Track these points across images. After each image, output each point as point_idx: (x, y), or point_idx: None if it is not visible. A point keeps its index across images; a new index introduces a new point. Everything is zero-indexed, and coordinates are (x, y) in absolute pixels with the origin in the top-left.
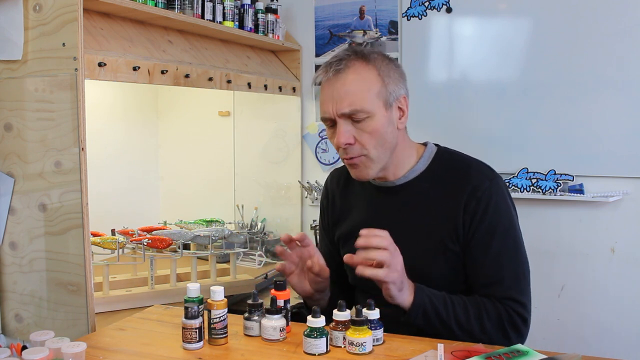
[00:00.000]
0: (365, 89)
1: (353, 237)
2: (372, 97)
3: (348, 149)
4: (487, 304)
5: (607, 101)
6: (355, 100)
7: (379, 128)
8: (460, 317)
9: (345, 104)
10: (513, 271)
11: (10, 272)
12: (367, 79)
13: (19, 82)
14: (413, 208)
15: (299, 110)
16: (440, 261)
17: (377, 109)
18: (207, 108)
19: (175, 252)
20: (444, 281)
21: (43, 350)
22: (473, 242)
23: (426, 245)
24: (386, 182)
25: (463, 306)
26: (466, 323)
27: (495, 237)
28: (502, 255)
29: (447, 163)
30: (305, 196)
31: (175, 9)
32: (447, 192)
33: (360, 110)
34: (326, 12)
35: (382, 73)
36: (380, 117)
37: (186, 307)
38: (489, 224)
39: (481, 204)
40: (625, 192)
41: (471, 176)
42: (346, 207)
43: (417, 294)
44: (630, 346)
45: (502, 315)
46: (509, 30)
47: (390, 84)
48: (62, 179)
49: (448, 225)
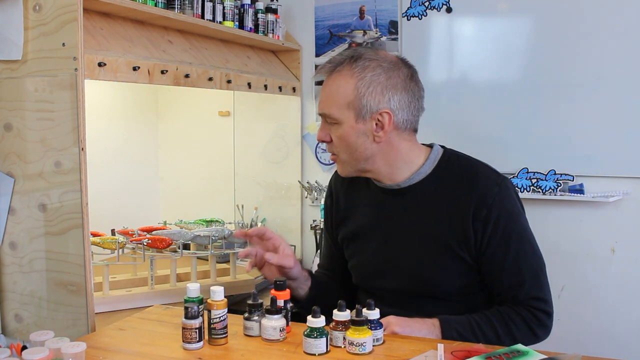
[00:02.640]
0: (338, 97)
1: (357, 238)
2: (342, 107)
3: (326, 146)
4: (511, 313)
5: (607, 101)
6: (326, 105)
7: (345, 137)
8: (491, 339)
9: (321, 105)
10: (532, 271)
11: (10, 272)
12: (342, 88)
13: (18, 82)
14: (419, 210)
15: (299, 110)
16: (446, 265)
17: (346, 118)
18: (207, 108)
19: (175, 252)
20: (450, 284)
21: (43, 350)
22: (489, 250)
23: (432, 248)
24: (391, 184)
25: (490, 326)
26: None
27: (512, 242)
28: (520, 257)
29: (454, 166)
30: (305, 196)
31: (175, 9)
32: (453, 196)
33: (328, 115)
34: (326, 12)
35: (363, 85)
36: (347, 128)
37: (186, 307)
38: (504, 231)
39: (493, 211)
40: (625, 192)
41: (479, 182)
42: (350, 208)
43: (445, 330)
44: (630, 346)
45: (527, 318)
46: (509, 30)
47: (368, 96)
48: (62, 179)
49: (455, 229)
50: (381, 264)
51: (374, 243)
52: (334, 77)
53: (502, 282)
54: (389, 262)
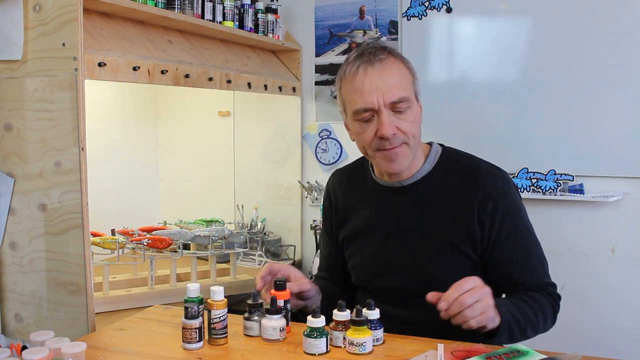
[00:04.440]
0: (405, 79)
1: (358, 237)
2: (410, 89)
3: (392, 138)
4: (537, 296)
5: (607, 101)
6: (402, 89)
7: (417, 118)
8: (531, 317)
9: (393, 92)
10: (539, 260)
11: (10, 272)
12: (404, 72)
13: (18, 82)
14: (422, 209)
15: (299, 110)
16: (448, 262)
17: (413, 99)
18: (207, 108)
19: (175, 252)
20: (453, 282)
21: (43, 350)
22: (498, 243)
23: (434, 246)
24: (394, 182)
25: (528, 305)
26: (535, 321)
27: (519, 233)
28: (528, 247)
29: (454, 163)
30: (305, 196)
31: (175, 9)
32: (456, 193)
33: (407, 98)
34: (326, 12)
35: (412, 69)
36: (415, 108)
37: (186, 307)
38: (511, 222)
39: (499, 204)
40: (625, 192)
41: (481, 177)
42: (350, 208)
43: (503, 313)
44: (630, 346)
45: (549, 302)
46: (509, 30)
47: (417, 80)
48: (62, 179)
49: (459, 226)
50: (383, 263)
51: (375, 242)
52: (390, 65)
53: (513, 273)
54: (390, 261)
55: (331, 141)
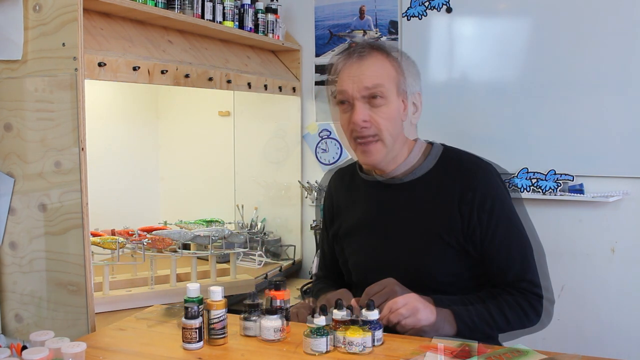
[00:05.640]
0: (384, 73)
1: (355, 233)
2: (390, 82)
3: (364, 130)
4: (502, 293)
5: (607, 101)
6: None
7: (393, 114)
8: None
9: (366, 81)
10: (520, 254)
11: (10, 272)
12: (385, 66)
13: (18, 82)
14: (418, 205)
15: (299, 110)
16: (438, 255)
17: (392, 95)
18: (207, 108)
19: (175, 252)
20: (445, 274)
21: (43, 350)
22: (477, 233)
23: (423, 239)
24: (394, 179)
25: (482, 304)
26: (491, 319)
27: (500, 224)
28: (508, 240)
29: (452, 162)
30: (305, 196)
31: (175, 9)
32: (440, 185)
33: (381, 88)
34: (326, 12)
35: (401, 65)
36: (394, 104)
37: (186, 307)
38: (490, 213)
39: (477, 193)
40: (625, 192)
41: (463, 168)
42: (349, 204)
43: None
44: (630, 346)
45: (518, 300)
46: (509, 30)
47: (408, 77)
48: (62, 179)
49: (442, 217)
50: (379, 259)
51: (371, 239)
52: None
53: (492, 265)
54: (386, 257)
55: (331, 141)
